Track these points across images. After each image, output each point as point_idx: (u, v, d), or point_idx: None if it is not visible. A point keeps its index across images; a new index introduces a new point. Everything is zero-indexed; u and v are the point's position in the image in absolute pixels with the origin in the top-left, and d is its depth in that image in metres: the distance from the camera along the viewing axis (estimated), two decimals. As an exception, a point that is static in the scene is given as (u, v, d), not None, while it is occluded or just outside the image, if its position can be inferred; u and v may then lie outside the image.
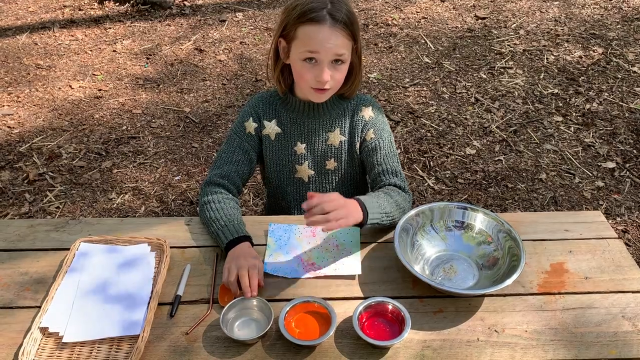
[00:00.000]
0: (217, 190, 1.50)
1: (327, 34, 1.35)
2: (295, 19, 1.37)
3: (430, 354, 1.16)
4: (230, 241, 1.36)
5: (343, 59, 1.40)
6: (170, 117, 3.31)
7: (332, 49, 1.37)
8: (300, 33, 1.37)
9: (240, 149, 1.56)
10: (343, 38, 1.37)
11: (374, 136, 1.56)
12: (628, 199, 2.72)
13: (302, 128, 1.56)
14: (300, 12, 1.36)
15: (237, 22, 4.40)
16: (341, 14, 1.36)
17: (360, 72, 1.51)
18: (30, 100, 3.45)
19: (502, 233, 1.38)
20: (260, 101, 1.58)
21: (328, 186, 1.64)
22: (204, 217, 1.47)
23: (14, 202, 2.70)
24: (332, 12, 1.35)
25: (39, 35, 4.20)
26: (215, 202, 1.47)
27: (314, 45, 1.36)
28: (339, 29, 1.36)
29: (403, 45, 4.04)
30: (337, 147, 1.58)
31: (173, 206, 2.68)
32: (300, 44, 1.38)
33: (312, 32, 1.36)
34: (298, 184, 1.64)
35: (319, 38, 1.36)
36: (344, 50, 1.39)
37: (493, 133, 3.15)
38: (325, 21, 1.35)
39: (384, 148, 1.55)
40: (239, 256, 1.31)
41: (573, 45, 4.00)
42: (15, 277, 1.34)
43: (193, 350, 1.17)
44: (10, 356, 1.15)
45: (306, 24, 1.36)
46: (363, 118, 1.57)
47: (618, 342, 1.19)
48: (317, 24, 1.35)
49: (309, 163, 1.60)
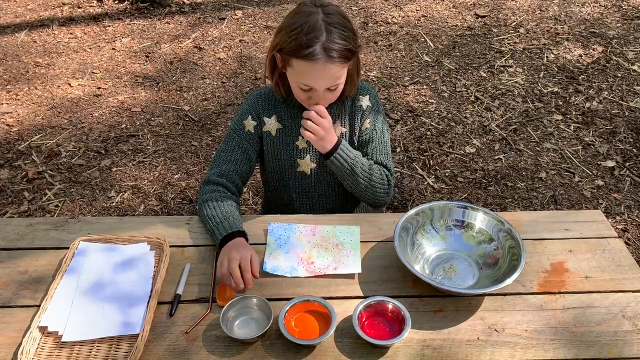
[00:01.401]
0: (215, 189, 1.50)
1: (321, 71, 1.36)
2: (290, 51, 1.36)
3: (430, 353, 1.16)
4: (224, 237, 1.36)
5: (339, 84, 1.42)
6: (169, 116, 3.30)
7: (327, 82, 1.39)
8: (295, 64, 1.38)
9: (239, 147, 1.56)
10: (338, 68, 1.38)
11: (368, 126, 1.59)
12: (628, 197, 2.72)
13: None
14: (295, 46, 1.34)
15: (237, 20, 4.39)
16: (336, 45, 1.34)
17: (358, 74, 1.51)
18: (29, 99, 3.44)
19: (502, 232, 1.37)
20: (259, 98, 1.58)
21: (329, 177, 1.64)
22: (201, 215, 1.47)
23: (13, 200, 2.70)
24: (327, 45, 1.33)
25: (37, 33, 4.19)
26: (212, 200, 1.47)
27: (308, 81, 1.38)
28: (335, 63, 1.35)
29: (403, 44, 4.03)
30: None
31: (172, 205, 2.68)
32: (294, 73, 1.40)
33: (306, 69, 1.36)
34: (300, 177, 1.64)
35: (312, 75, 1.37)
36: (340, 79, 1.41)
37: (493, 132, 3.15)
38: (319, 60, 1.33)
39: (375, 140, 1.59)
40: (230, 249, 1.32)
41: (573, 43, 3.99)
42: (14, 276, 1.33)
43: (193, 349, 1.16)
44: (9, 355, 1.15)
45: (301, 60, 1.35)
46: (361, 107, 1.58)
47: (618, 341, 1.19)
48: (310, 61, 1.34)
49: (311, 156, 1.60)
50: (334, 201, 1.69)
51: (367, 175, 1.52)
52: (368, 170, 1.53)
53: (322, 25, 1.34)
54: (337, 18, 1.37)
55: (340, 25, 1.37)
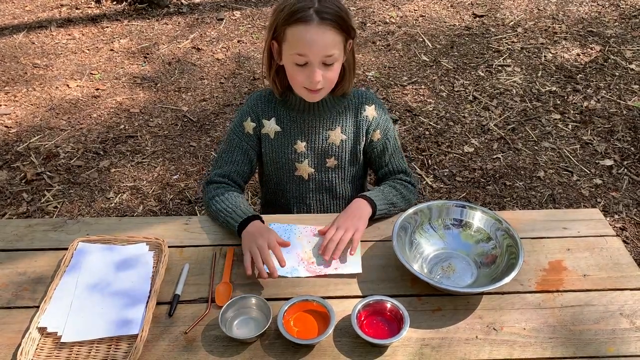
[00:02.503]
0: (219, 186, 1.52)
1: (315, 34, 1.33)
2: (283, 20, 1.35)
3: (429, 352, 1.16)
4: (241, 223, 1.38)
5: (334, 58, 1.38)
6: (168, 116, 3.30)
7: (322, 50, 1.35)
8: (289, 34, 1.36)
9: (239, 148, 1.56)
10: (333, 35, 1.35)
11: (380, 137, 1.59)
12: (626, 196, 2.72)
13: (302, 126, 1.56)
14: (288, 12, 1.34)
15: (235, 20, 4.39)
16: (329, 10, 1.33)
17: (354, 68, 1.50)
18: (28, 100, 3.44)
19: (500, 231, 1.38)
20: (259, 100, 1.57)
21: (327, 184, 1.64)
22: (211, 212, 1.48)
23: (12, 201, 2.70)
24: (320, 9, 1.32)
25: (36, 34, 4.19)
26: (219, 195, 1.48)
27: (302, 47, 1.35)
28: (328, 27, 1.33)
29: (401, 44, 4.04)
30: (337, 145, 1.57)
31: (171, 205, 2.68)
32: (289, 46, 1.37)
33: (299, 32, 1.34)
34: (298, 181, 1.64)
35: (306, 38, 1.33)
36: (335, 49, 1.37)
37: (491, 131, 3.16)
38: (312, 20, 1.32)
39: (391, 148, 1.61)
40: (254, 235, 1.33)
41: (571, 43, 4.00)
42: (13, 277, 1.33)
43: (192, 349, 1.17)
44: (8, 356, 1.15)
45: (293, 25, 1.34)
46: (367, 118, 1.56)
47: (616, 339, 1.19)
48: (304, 23, 1.32)
49: (309, 161, 1.60)
50: (331, 206, 1.69)
51: (403, 200, 1.54)
52: (400, 196, 1.53)
53: None
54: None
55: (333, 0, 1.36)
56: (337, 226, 1.39)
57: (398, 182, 1.58)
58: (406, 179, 1.60)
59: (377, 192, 1.50)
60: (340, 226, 1.39)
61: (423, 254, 1.40)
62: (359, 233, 1.39)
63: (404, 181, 1.59)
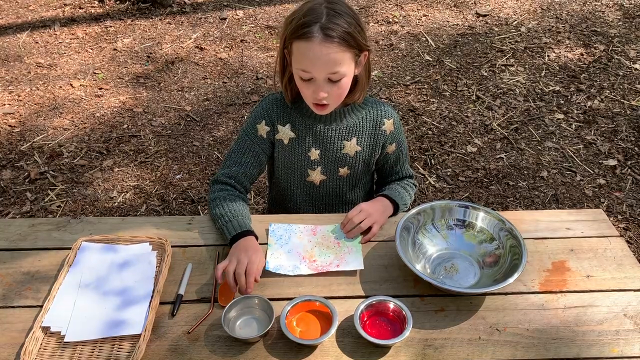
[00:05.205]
0: (223, 188, 1.51)
1: (318, 51, 1.28)
2: (290, 33, 1.33)
3: (432, 352, 1.16)
4: (234, 236, 1.37)
5: (340, 75, 1.33)
6: (171, 116, 3.31)
7: (325, 67, 1.31)
8: (295, 49, 1.33)
9: (250, 151, 1.54)
10: (339, 53, 1.30)
11: (395, 149, 1.61)
12: (629, 196, 2.71)
13: (317, 134, 1.52)
14: (295, 26, 1.31)
15: (238, 19, 4.39)
16: (336, 26, 1.28)
17: (368, 80, 1.46)
18: (31, 99, 3.45)
19: (503, 231, 1.37)
20: (274, 104, 1.52)
21: (338, 190, 1.64)
22: (211, 213, 1.48)
23: (16, 201, 2.70)
24: (325, 25, 1.27)
25: (39, 33, 4.20)
26: (221, 198, 1.48)
27: (305, 64, 1.32)
28: (334, 44, 1.28)
29: (404, 43, 4.03)
30: (352, 156, 1.56)
31: (174, 205, 2.69)
32: (295, 60, 1.35)
33: (303, 48, 1.30)
34: (308, 186, 1.63)
35: (309, 56, 1.30)
36: (341, 66, 1.32)
37: (494, 131, 3.15)
38: (315, 38, 1.28)
39: (401, 158, 1.65)
40: (240, 250, 1.32)
41: (574, 42, 3.99)
42: (16, 277, 1.34)
43: (195, 349, 1.17)
44: (12, 356, 1.15)
45: (298, 40, 1.31)
46: (385, 132, 1.56)
47: (620, 340, 1.19)
48: (307, 40, 1.29)
49: (322, 169, 1.58)
50: (339, 210, 1.68)
51: (410, 201, 1.64)
52: (409, 197, 1.63)
53: (323, 9, 1.30)
54: (341, 7, 1.33)
55: (343, 12, 1.32)
56: (361, 209, 1.44)
57: (407, 185, 1.65)
58: (413, 183, 1.68)
59: (396, 194, 1.56)
60: (364, 210, 1.44)
61: (426, 254, 1.40)
62: (377, 225, 1.44)
63: (412, 184, 1.67)
